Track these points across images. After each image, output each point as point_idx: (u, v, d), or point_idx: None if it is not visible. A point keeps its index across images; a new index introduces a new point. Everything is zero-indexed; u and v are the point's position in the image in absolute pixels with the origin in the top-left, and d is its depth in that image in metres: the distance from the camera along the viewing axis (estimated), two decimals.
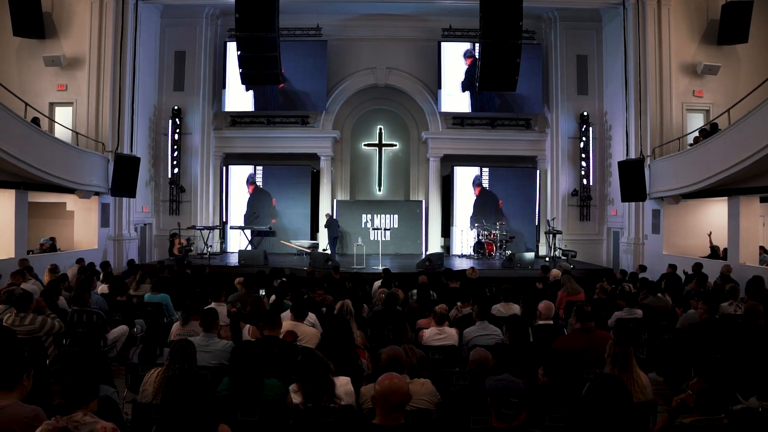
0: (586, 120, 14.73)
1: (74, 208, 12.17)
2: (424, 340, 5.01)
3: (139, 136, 13.47)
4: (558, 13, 14.73)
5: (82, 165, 11.28)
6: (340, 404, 3.22)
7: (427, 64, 15.28)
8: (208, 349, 4.20)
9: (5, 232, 9.80)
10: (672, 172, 11.57)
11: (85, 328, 5.93)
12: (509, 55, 11.70)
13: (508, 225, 14.84)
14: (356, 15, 15.02)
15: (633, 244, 13.11)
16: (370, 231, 15.31)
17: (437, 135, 15.50)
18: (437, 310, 5.19)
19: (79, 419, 2.50)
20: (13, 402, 2.65)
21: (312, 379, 3.12)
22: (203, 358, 4.09)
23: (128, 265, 10.95)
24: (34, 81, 12.30)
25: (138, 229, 13.89)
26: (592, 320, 4.48)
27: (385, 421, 2.52)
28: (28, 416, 2.62)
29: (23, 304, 4.85)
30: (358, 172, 16.46)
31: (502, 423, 2.54)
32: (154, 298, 7.54)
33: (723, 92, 12.54)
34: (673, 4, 12.60)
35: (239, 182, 15.54)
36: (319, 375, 3.13)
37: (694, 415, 2.67)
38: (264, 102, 15.07)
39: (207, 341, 4.26)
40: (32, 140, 9.53)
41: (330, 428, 3.20)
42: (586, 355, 4.14)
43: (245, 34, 11.62)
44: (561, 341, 4.52)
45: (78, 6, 12.50)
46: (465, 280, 8.57)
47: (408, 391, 2.59)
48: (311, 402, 3.15)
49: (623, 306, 6.54)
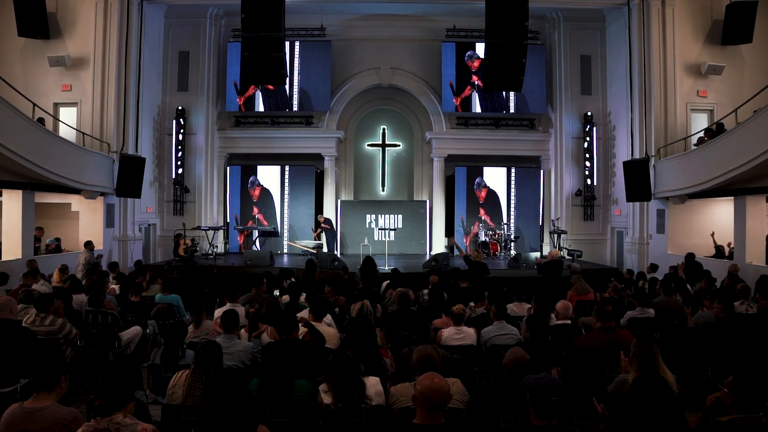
0: (590, 120, 14.77)
1: (79, 209, 12.13)
2: (443, 340, 5.02)
3: (143, 137, 13.46)
4: (561, 13, 14.76)
5: (88, 165, 11.25)
6: (371, 405, 3.23)
7: (431, 65, 15.30)
8: (229, 350, 4.20)
9: (12, 233, 9.77)
10: (678, 172, 11.60)
11: (99, 329, 5.92)
12: (515, 55, 11.69)
13: (512, 225, 14.86)
14: (360, 15, 15.03)
15: (638, 244, 13.15)
16: (375, 231, 15.32)
17: (441, 135, 15.52)
18: (454, 310, 5.19)
19: (120, 421, 2.50)
20: (52, 403, 2.66)
21: (343, 379, 3.13)
22: (225, 360, 4.00)
23: (135, 265, 10.96)
24: (38, 81, 12.27)
25: (142, 230, 13.86)
26: (613, 319, 4.50)
27: (425, 420, 2.53)
28: (67, 418, 2.62)
29: (44, 305, 4.84)
30: (361, 172, 16.46)
31: (542, 421, 2.56)
32: (165, 298, 7.54)
33: (727, 92, 12.59)
34: (678, 5, 12.64)
35: (244, 183, 15.53)
36: (350, 375, 3.15)
37: (730, 414, 2.68)
38: (273, 102, 15.07)
39: (228, 342, 4.25)
40: (40, 141, 9.49)
41: (361, 428, 3.21)
42: (608, 353, 4.16)
43: (251, 34, 11.61)
44: (582, 340, 4.54)
45: (82, 6, 12.46)
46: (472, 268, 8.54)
47: (449, 390, 2.60)
48: (342, 402, 3.16)
49: (636, 305, 6.57)
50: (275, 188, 15.50)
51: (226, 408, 2.48)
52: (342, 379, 3.17)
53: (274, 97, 15.11)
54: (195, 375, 3.35)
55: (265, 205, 15.42)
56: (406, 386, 3.40)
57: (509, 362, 3.36)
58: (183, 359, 4.23)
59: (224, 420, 2.47)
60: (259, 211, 15.38)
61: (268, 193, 15.46)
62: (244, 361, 4.22)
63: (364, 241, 12.88)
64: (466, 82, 15.10)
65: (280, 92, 14.99)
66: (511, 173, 15.61)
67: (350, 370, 3.17)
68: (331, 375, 3.17)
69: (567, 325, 5.34)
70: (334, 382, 3.18)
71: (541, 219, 15.57)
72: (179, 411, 3.29)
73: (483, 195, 15.52)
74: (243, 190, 15.48)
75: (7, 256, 9.77)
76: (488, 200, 15.48)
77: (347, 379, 3.17)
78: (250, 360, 4.23)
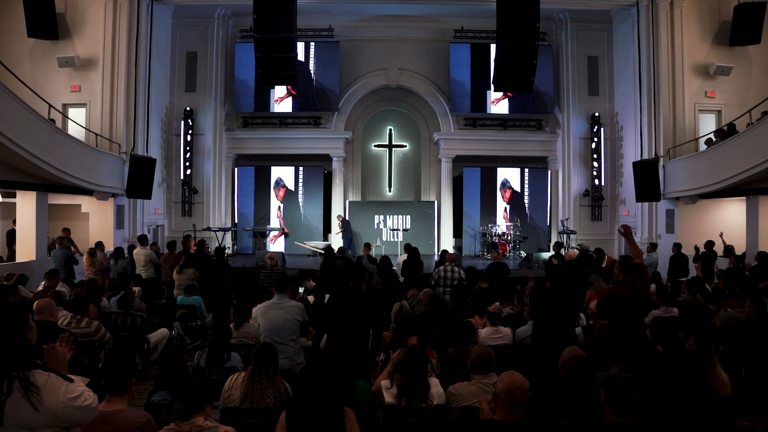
0: (598, 121, 14.85)
1: (89, 210, 12.07)
2: (480, 339, 5.03)
3: (152, 138, 13.39)
4: (569, 14, 14.83)
5: (100, 166, 11.20)
6: (432, 405, 3.24)
7: (439, 65, 15.32)
8: (281, 307, 4.61)
9: (27, 234, 9.71)
10: (689, 173, 11.68)
11: (129, 331, 5.90)
12: (526, 56, 11.76)
13: (521, 225, 14.91)
14: (368, 16, 15.03)
15: (646, 244, 13.20)
16: (383, 231, 15.32)
17: (449, 136, 15.54)
18: (491, 309, 5.22)
19: (201, 424, 2.51)
20: (125, 407, 2.65)
21: (414, 377, 3.15)
22: (278, 315, 4.54)
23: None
24: (47, 82, 12.17)
25: (150, 231, 13.79)
26: (635, 274, 4.55)
27: (507, 417, 2.55)
28: (141, 421, 2.61)
29: (80, 307, 4.81)
30: (368, 172, 16.47)
31: (618, 418, 2.57)
32: (187, 300, 7.53)
33: (735, 93, 12.70)
34: (686, 6, 12.73)
35: (251, 183, 15.50)
36: (419, 372, 3.18)
37: None
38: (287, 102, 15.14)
39: (280, 300, 4.68)
40: (55, 142, 9.44)
41: (423, 428, 3.22)
42: (629, 301, 4.33)
43: (263, 35, 11.60)
44: (606, 291, 4.70)
45: (91, 7, 12.40)
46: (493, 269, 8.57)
47: (529, 387, 2.62)
48: (407, 396, 3.18)
49: (660, 304, 6.61)
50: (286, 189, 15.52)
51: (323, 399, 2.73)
52: (413, 377, 3.20)
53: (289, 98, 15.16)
54: (254, 376, 3.34)
55: (289, 205, 15.38)
56: (464, 386, 3.42)
57: (567, 360, 3.38)
58: (228, 361, 4.23)
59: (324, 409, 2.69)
60: (282, 212, 15.34)
61: (293, 195, 15.42)
62: (295, 317, 4.56)
63: (377, 242, 12.86)
64: (484, 85, 15.06)
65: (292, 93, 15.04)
66: (525, 174, 15.64)
67: (421, 366, 3.21)
68: (405, 371, 3.22)
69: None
70: (406, 373, 3.22)
71: (548, 219, 15.63)
72: (239, 413, 3.29)
73: (508, 195, 15.55)
74: (257, 191, 15.42)
75: (21, 257, 9.71)
76: (512, 201, 15.51)
77: (417, 374, 3.21)
78: (300, 316, 4.60)
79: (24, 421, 1.95)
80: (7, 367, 1.97)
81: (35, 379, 1.99)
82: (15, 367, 1.98)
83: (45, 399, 1.97)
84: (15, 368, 1.97)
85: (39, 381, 2.00)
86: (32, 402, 1.94)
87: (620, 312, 4.36)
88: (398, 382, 3.21)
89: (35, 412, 1.95)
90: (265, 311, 4.59)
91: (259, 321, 4.58)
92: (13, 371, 1.97)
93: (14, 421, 1.94)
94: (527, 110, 15.25)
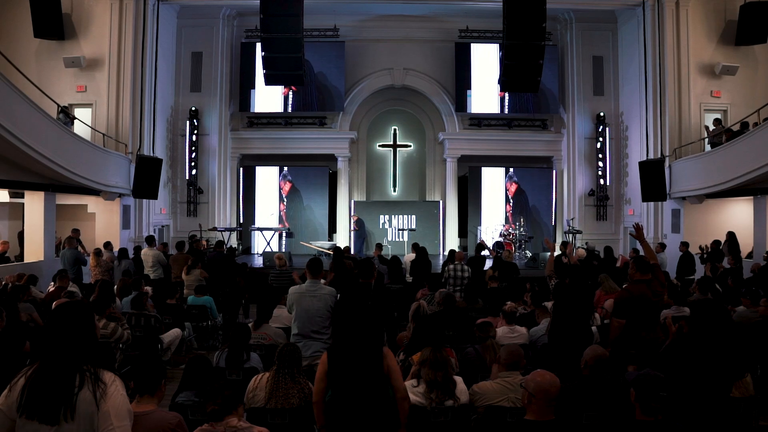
0: (603, 120, 14.86)
1: (95, 210, 12.07)
2: (496, 338, 5.03)
3: (157, 138, 13.39)
4: (574, 14, 14.83)
5: (107, 166, 11.20)
6: (458, 403, 3.25)
7: (444, 65, 15.33)
8: (315, 294, 4.42)
9: (35, 235, 9.71)
10: (696, 172, 11.67)
11: (142, 332, 5.90)
12: (532, 56, 11.75)
13: (526, 224, 14.91)
14: (373, 16, 15.03)
15: (652, 244, 13.21)
16: (388, 231, 15.32)
17: (454, 136, 15.55)
18: (506, 308, 5.23)
19: (235, 424, 2.51)
20: (156, 407, 2.65)
21: (444, 367, 3.18)
22: (313, 304, 4.37)
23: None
24: (53, 82, 12.15)
25: (156, 231, 13.79)
26: (650, 272, 4.58)
27: (539, 416, 2.55)
28: (173, 422, 2.61)
29: (99, 309, 4.82)
30: (373, 172, 16.47)
31: (648, 416, 2.57)
32: (198, 300, 7.54)
33: (741, 93, 12.70)
34: (691, 5, 12.74)
35: (258, 183, 15.50)
36: (446, 369, 3.20)
37: None
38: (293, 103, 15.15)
39: (314, 286, 4.48)
40: (63, 142, 9.44)
41: (449, 427, 3.23)
42: (647, 300, 4.37)
43: (269, 35, 11.59)
44: (625, 290, 4.73)
45: (97, 7, 12.40)
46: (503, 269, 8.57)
47: (560, 386, 2.62)
48: (435, 390, 3.20)
49: (671, 304, 6.61)
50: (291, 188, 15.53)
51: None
52: (444, 370, 3.25)
53: (294, 98, 15.14)
54: (278, 376, 3.34)
55: (293, 201, 15.39)
56: (488, 384, 3.42)
57: (591, 359, 3.38)
58: (248, 362, 4.23)
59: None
60: (285, 208, 15.34)
61: (297, 191, 15.42)
62: (328, 304, 4.40)
63: (384, 242, 12.87)
64: (489, 85, 15.00)
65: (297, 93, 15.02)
66: (524, 173, 15.65)
67: (445, 364, 3.23)
68: (434, 366, 3.26)
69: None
70: (435, 370, 3.26)
71: (553, 219, 15.64)
72: (265, 414, 3.30)
73: (513, 189, 15.55)
74: (261, 191, 15.42)
75: (29, 257, 9.71)
76: (516, 196, 15.52)
77: (444, 370, 3.23)
78: (332, 303, 4.44)
79: (92, 418, 1.94)
80: (79, 362, 1.98)
81: (104, 377, 2.00)
82: (86, 362, 1.99)
83: (108, 398, 1.97)
84: (86, 363, 1.99)
85: (107, 379, 2.00)
86: (96, 398, 1.94)
87: (638, 311, 4.37)
88: (427, 378, 3.23)
89: (97, 409, 1.94)
90: (300, 299, 4.39)
91: (294, 308, 4.40)
92: (84, 366, 1.98)
93: (84, 417, 1.93)
94: (532, 110, 15.24)
